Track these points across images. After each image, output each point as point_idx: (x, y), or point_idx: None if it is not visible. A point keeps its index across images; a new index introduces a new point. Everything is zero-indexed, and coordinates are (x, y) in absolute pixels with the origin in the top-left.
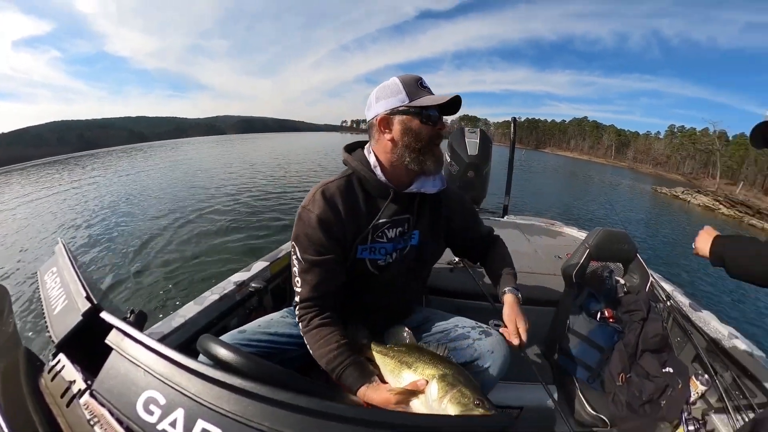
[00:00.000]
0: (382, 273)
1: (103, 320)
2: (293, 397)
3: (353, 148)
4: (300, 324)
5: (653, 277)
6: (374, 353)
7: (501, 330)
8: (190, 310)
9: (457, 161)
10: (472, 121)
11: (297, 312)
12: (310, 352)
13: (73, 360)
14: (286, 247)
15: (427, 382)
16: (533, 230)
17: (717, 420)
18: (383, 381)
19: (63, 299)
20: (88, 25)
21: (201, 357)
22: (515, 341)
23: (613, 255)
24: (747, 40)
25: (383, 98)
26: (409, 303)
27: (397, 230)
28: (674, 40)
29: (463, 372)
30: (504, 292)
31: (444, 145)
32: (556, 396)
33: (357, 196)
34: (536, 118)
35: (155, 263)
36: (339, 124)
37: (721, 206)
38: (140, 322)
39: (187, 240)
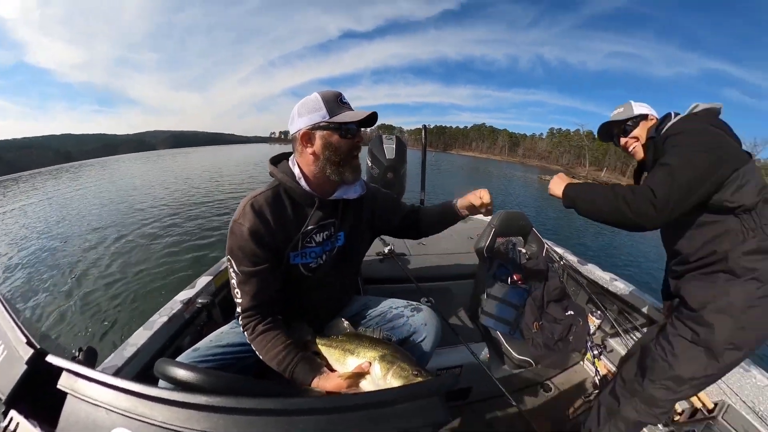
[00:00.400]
0: (314, 274)
1: (50, 364)
2: (258, 402)
3: (279, 160)
4: (245, 333)
5: (547, 244)
6: (319, 346)
7: (470, 199)
8: (140, 336)
9: (377, 165)
10: (389, 129)
11: (240, 322)
12: (260, 357)
13: (27, 414)
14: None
15: (370, 363)
16: None
17: (613, 342)
18: (332, 370)
19: (2, 349)
20: (7, 32)
21: (161, 382)
22: (477, 200)
23: (514, 231)
24: (608, 64)
25: (305, 114)
26: (345, 296)
27: (324, 234)
28: (554, 63)
29: (399, 349)
30: (455, 203)
31: (365, 151)
32: (487, 351)
33: (285, 205)
34: (443, 125)
35: (96, 291)
36: (268, 135)
37: None
38: (91, 358)
39: (126, 262)
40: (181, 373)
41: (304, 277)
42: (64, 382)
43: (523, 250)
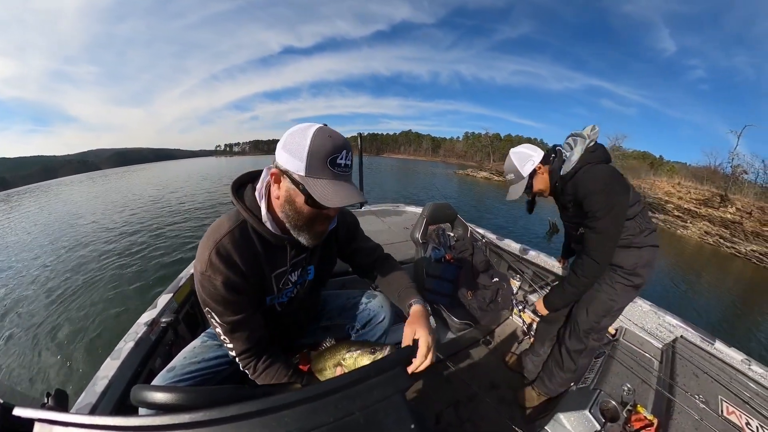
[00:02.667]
0: (286, 308)
1: (19, 417)
2: (244, 407)
3: (243, 182)
4: (247, 371)
5: (470, 227)
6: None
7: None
8: (109, 367)
9: None
10: None
11: (240, 364)
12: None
13: None
14: (185, 274)
15: (341, 367)
16: (385, 213)
17: (532, 297)
18: None
19: None
20: None
21: (141, 410)
22: (409, 367)
23: (443, 218)
24: (512, 79)
25: (287, 151)
26: (314, 309)
27: (297, 273)
28: (469, 78)
29: (354, 342)
30: (410, 305)
31: None
32: (432, 320)
33: (254, 245)
34: (376, 132)
35: (52, 330)
36: (213, 148)
37: (493, 176)
38: (62, 402)
39: (77, 293)
40: (160, 396)
41: (277, 312)
42: None
43: (452, 234)
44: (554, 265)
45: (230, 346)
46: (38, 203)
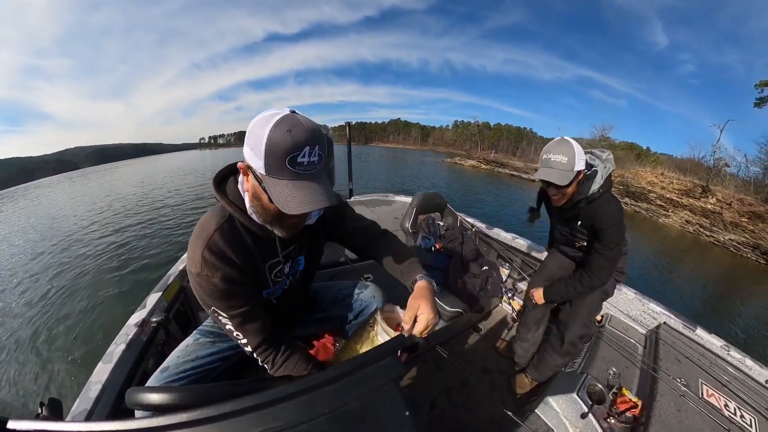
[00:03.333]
0: (280, 301)
1: (14, 431)
2: (241, 402)
3: (225, 176)
4: (266, 366)
5: (460, 216)
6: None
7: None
8: (102, 371)
9: None
10: None
11: (258, 359)
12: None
13: None
14: (173, 271)
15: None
16: (375, 203)
17: (521, 285)
18: None
19: None
20: None
21: (137, 413)
22: (406, 330)
23: (432, 208)
24: (503, 68)
25: (248, 145)
26: (306, 300)
27: (289, 264)
28: (459, 66)
29: (351, 337)
30: (415, 281)
31: None
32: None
33: (243, 238)
34: (364, 121)
35: (38, 337)
36: (197, 141)
37: (481, 164)
38: (57, 411)
39: (62, 297)
40: (155, 398)
41: (273, 305)
42: None
43: (441, 223)
44: (542, 253)
45: (244, 341)
46: (15, 207)
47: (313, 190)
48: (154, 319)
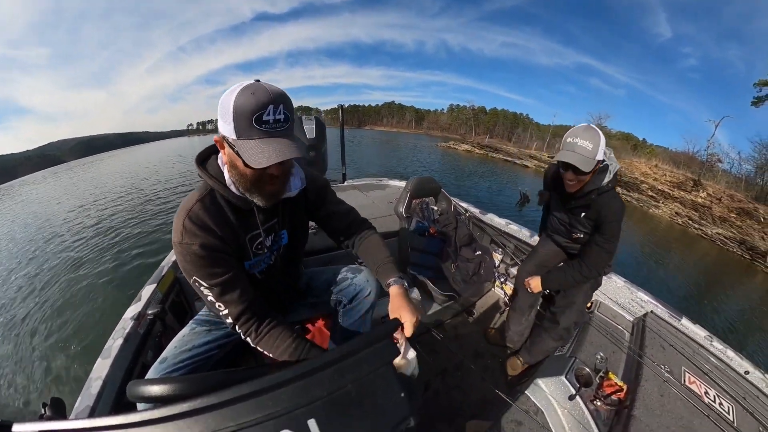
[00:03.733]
0: (265, 276)
1: None
2: (239, 389)
3: (207, 155)
4: (248, 339)
5: (454, 201)
6: None
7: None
8: (102, 367)
9: None
10: (307, 110)
11: (239, 330)
12: (270, 356)
13: None
14: (167, 262)
15: None
16: (368, 188)
17: (514, 270)
18: None
19: None
20: None
21: (139, 405)
22: (399, 337)
23: (426, 192)
24: (501, 52)
25: (219, 116)
26: (295, 280)
27: (270, 238)
28: (456, 48)
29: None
30: (389, 285)
31: None
32: (417, 293)
33: (224, 210)
34: (357, 104)
35: (33, 338)
36: (185, 128)
37: (474, 149)
38: (60, 410)
39: (54, 296)
40: (156, 389)
41: (257, 280)
42: None
43: (435, 208)
44: (534, 238)
45: (225, 312)
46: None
47: (282, 144)
48: (150, 312)
